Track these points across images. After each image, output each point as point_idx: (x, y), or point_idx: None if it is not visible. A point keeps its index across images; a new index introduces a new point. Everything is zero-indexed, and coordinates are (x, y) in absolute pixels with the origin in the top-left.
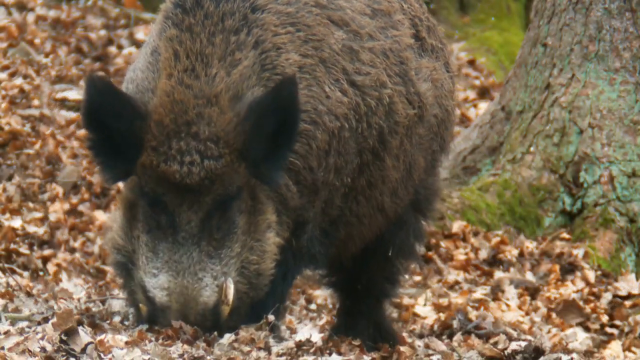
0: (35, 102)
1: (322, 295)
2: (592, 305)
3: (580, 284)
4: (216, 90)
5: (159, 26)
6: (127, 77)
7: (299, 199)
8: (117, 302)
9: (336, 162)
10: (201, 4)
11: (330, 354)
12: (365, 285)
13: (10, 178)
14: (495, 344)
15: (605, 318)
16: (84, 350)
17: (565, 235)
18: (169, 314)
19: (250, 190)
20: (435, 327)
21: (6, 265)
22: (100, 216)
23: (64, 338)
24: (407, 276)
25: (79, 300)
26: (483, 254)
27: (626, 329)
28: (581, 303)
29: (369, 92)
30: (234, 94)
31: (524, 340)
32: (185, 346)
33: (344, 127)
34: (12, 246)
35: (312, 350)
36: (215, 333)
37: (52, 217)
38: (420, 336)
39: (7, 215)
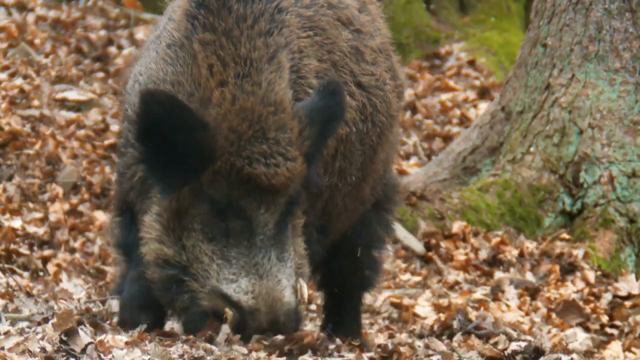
0: (35, 102)
1: (323, 295)
2: (592, 305)
3: (580, 285)
4: (277, 96)
5: (181, 25)
6: (137, 70)
7: (305, 203)
8: (118, 303)
9: (341, 165)
10: (228, 6)
11: (330, 354)
12: (344, 279)
13: (10, 178)
14: (495, 344)
15: (605, 318)
16: (84, 351)
17: (565, 235)
18: (258, 317)
19: None
20: (435, 327)
21: (6, 266)
22: (100, 216)
23: (64, 338)
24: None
25: (79, 300)
26: (483, 254)
27: (626, 330)
28: (581, 303)
29: (374, 91)
30: (288, 97)
31: (524, 340)
32: (185, 346)
33: (351, 131)
34: (12, 246)
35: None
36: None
37: (52, 218)
38: (420, 336)
39: (7, 215)
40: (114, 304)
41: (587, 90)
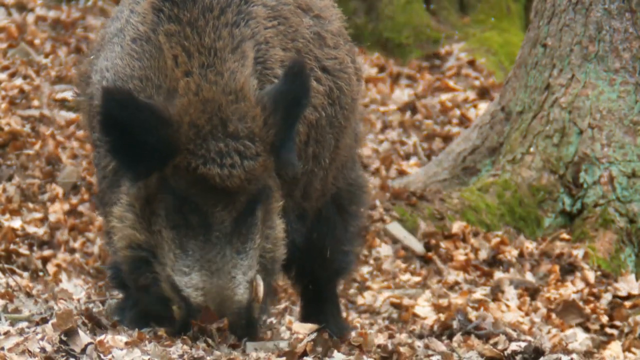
0: (35, 102)
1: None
2: (592, 305)
3: (580, 285)
4: (240, 84)
5: (147, 17)
6: (102, 64)
7: (282, 188)
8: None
9: (314, 150)
10: None
11: (330, 355)
12: (317, 276)
13: (10, 178)
14: (495, 344)
15: (605, 318)
16: (83, 351)
17: (565, 235)
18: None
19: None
20: (435, 327)
21: (6, 266)
22: (99, 217)
23: (64, 338)
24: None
25: (78, 300)
26: (483, 254)
27: (626, 330)
28: (581, 303)
29: (339, 75)
30: (252, 86)
31: (523, 340)
32: (185, 347)
33: (321, 116)
34: (12, 247)
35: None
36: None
37: (52, 218)
38: (420, 337)
39: (7, 215)
40: (114, 305)
41: (587, 90)
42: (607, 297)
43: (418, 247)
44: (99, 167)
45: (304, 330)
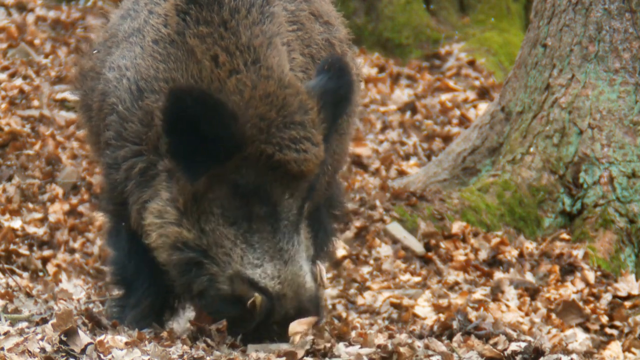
0: (35, 102)
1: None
2: (591, 306)
3: (580, 285)
4: (289, 77)
5: (171, 20)
6: (119, 62)
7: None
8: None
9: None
10: (218, 0)
11: (330, 356)
12: None
13: (10, 179)
14: (495, 344)
15: (605, 319)
16: (83, 351)
17: (565, 236)
18: (284, 303)
19: None
20: (435, 327)
21: (6, 266)
22: (100, 217)
23: (64, 339)
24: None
25: (78, 301)
26: (483, 254)
27: (626, 330)
28: (581, 304)
29: None
30: (297, 79)
31: (523, 341)
32: (185, 347)
33: None
34: (12, 247)
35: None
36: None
37: (52, 218)
38: (420, 337)
39: (7, 216)
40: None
41: (587, 90)
42: (607, 297)
43: (418, 247)
44: (115, 167)
45: (302, 327)
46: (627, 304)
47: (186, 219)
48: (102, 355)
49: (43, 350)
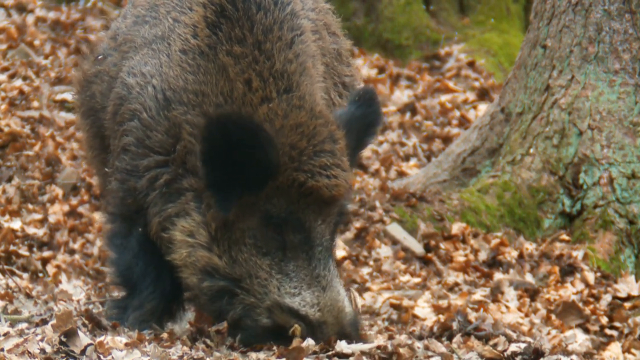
0: (35, 103)
1: None
2: (591, 306)
3: (580, 286)
4: (321, 107)
5: (201, 32)
6: (138, 69)
7: None
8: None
9: None
10: (249, 15)
11: (330, 356)
12: None
13: (9, 179)
14: (495, 345)
15: (604, 320)
16: (83, 352)
17: (564, 236)
18: (325, 329)
19: None
20: (435, 328)
21: (6, 267)
22: (100, 218)
23: (64, 339)
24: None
25: (78, 301)
26: (483, 255)
27: (626, 331)
28: (581, 304)
29: (352, 89)
30: (326, 107)
31: (523, 341)
32: (185, 348)
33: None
34: (12, 248)
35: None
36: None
37: (52, 219)
38: (420, 338)
39: (7, 216)
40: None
41: (586, 91)
42: (606, 298)
43: (418, 248)
44: (132, 174)
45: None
46: (627, 305)
47: (217, 245)
48: (101, 356)
49: (43, 351)
